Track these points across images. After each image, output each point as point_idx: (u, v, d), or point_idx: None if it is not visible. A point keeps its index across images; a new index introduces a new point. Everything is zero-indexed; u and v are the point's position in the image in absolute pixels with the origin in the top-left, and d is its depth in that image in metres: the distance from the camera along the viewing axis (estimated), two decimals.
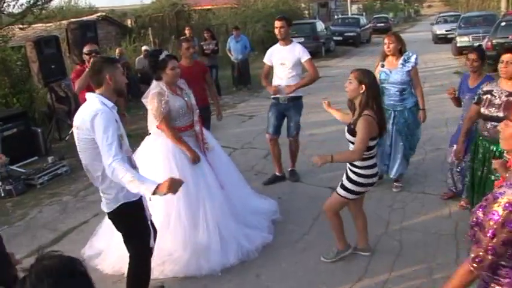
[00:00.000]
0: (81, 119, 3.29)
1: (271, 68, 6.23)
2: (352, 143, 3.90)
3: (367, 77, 3.83)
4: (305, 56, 6.07)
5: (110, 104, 3.34)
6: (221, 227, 4.51)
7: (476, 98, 4.49)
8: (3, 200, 6.51)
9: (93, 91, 3.42)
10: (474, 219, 2.12)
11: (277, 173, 6.46)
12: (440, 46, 22.40)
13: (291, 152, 6.46)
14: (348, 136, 3.97)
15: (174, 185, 3.06)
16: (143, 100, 4.60)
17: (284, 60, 6.05)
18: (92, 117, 3.19)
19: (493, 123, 4.25)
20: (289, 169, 6.55)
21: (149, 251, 3.68)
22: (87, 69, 5.83)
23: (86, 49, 6.11)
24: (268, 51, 6.31)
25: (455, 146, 5.23)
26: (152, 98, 4.47)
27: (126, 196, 3.40)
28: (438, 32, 24.71)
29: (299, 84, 6.04)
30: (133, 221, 3.54)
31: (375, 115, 3.81)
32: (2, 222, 5.81)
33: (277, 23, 6.08)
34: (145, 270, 3.68)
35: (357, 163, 3.95)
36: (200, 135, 4.73)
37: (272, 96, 6.28)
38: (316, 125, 8.69)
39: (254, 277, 4.27)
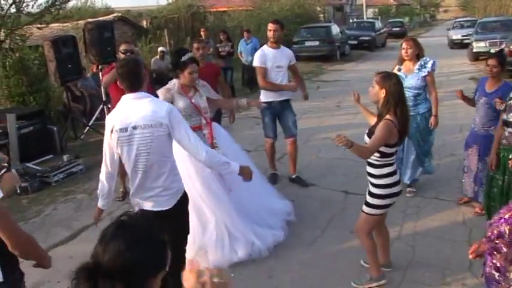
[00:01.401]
0: (152, 118, 3.23)
1: (265, 70, 6.16)
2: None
3: (388, 81, 3.68)
4: (294, 60, 6.39)
5: None
6: (228, 224, 4.56)
7: (503, 106, 4.49)
8: (19, 197, 6.59)
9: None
10: (495, 232, 2.07)
11: (275, 171, 6.55)
12: (456, 51, 22.26)
13: (291, 155, 6.46)
14: (366, 139, 3.83)
15: (250, 174, 3.61)
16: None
17: (280, 63, 6.16)
18: (168, 112, 3.28)
19: (510, 129, 4.24)
20: (293, 176, 6.52)
21: None
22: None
23: (122, 48, 6.15)
24: (259, 54, 6.20)
25: (469, 150, 5.25)
26: (159, 92, 4.59)
27: (183, 186, 3.56)
28: (454, 37, 24.57)
29: (305, 87, 6.52)
30: (188, 210, 3.65)
31: (397, 121, 3.64)
32: (18, 219, 5.87)
33: (272, 26, 6.16)
34: None
35: (373, 172, 3.79)
36: (209, 139, 4.76)
37: (264, 100, 6.19)
38: (330, 129, 8.68)
39: (266, 278, 4.29)
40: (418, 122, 5.70)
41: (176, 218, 3.47)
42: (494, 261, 2.69)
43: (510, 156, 4.33)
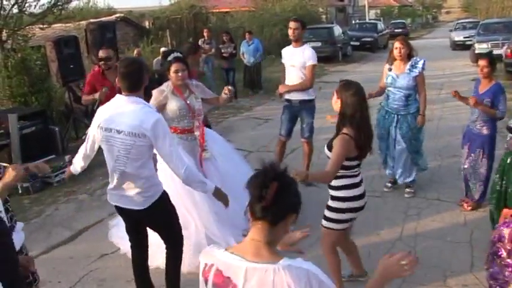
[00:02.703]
0: (137, 127, 3.23)
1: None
2: (329, 158, 3.51)
3: (344, 92, 3.44)
4: (310, 61, 6.07)
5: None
6: (208, 232, 4.57)
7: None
8: (21, 197, 6.60)
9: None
10: (496, 235, 2.06)
11: None
12: (458, 53, 22.22)
13: (304, 154, 6.46)
14: (326, 152, 3.59)
15: (225, 200, 3.68)
16: None
17: (293, 62, 6.12)
18: (154, 125, 3.25)
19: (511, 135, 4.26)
20: None
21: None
22: (93, 97, 5.94)
23: (99, 54, 6.11)
24: (283, 52, 6.35)
25: (465, 148, 5.39)
26: (153, 94, 4.62)
27: (161, 189, 3.59)
28: (456, 39, 24.54)
29: (290, 87, 6.14)
30: (170, 207, 3.69)
31: (354, 134, 3.39)
32: (19, 219, 5.83)
33: (292, 24, 6.10)
34: (182, 257, 3.82)
35: (334, 184, 3.55)
36: (200, 142, 4.77)
37: (285, 98, 6.31)
38: (331, 130, 8.65)
39: None
40: (409, 122, 5.73)
41: (153, 216, 3.58)
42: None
43: (508, 161, 4.33)
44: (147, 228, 3.82)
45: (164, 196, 3.61)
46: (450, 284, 4.06)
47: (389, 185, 6.15)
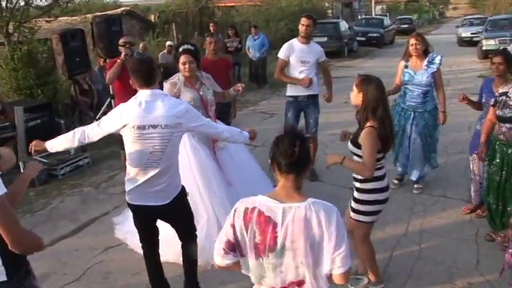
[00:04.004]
0: (171, 116, 3.29)
1: (287, 64, 6.17)
2: (355, 155, 3.61)
3: (366, 85, 3.49)
4: (323, 57, 6.27)
5: None
6: (223, 222, 4.49)
7: (493, 100, 4.39)
8: (26, 189, 6.59)
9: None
10: None
11: None
12: (465, 49, 22.09)
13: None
14: (350, 147, 3.66)
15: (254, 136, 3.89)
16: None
17: (306, 58, 6.09)
18: (185, 111, 3.39)
19: (507, 125, 4.19)
20: None
21: None
22: (118, 61, 5.90)
23: (121, 40, 6.13)
24: (285, 47, 6.20)
25: (475, 155, 5.13)
26: (165, 86, 4.63)
27: (180, 180, 3.65)
28: (463, 35, 24.37)
29: (331, 90, 6.64)
30: (187, 201, 3.73)
31: (378, 127, 3.46)
32: (25, 211, 5.91)
33: (305, 21, 6.08)
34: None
35: (360, 177, 3.61)
36: None
37: (289, 94, 6.29)
38: (337, 125, 8.62)
39: None
40: (426, 119, 5.67)
41: (176, 209, 3.59)
42: None
43: (509, 151, 4.26)
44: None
45: (183, 188, 3.66)
46: (455, 281, 4.05)
47: (396, 182, 6.13)
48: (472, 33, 23.62)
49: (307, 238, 2.14)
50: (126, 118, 3.30)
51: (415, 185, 5.96)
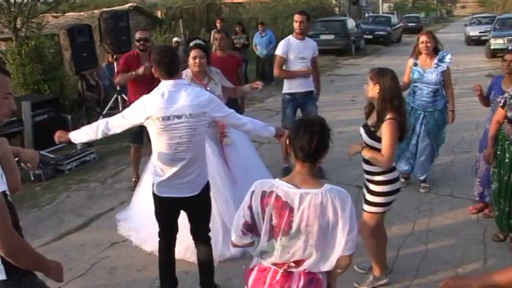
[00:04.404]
0: (195, 105, 3.29)
1: (285, 60, 6.19)
2: (368, 146, 3.62)
3: (382, 77, 3.52)
4: (317, 52, 6.41)
5: None
6: (225, 219, 4.50)
7: (502, 101, 4.34)
8: (33, 184, 6.63)
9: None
10: None
11: (288, 165, 6.48)
12: (473, 48, 22.00)
13: None
14: (366, 139, 3.64)
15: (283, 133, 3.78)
16: None
17: (304, 54, 6.16)
18: (209, 101, 3.39)
19: None
20: None
21: None
22: (133, 72, 5.86)
23: (137, 35, 6.11)
24: (283, 44, 6.21)
25: (484, 152, 5.11)
26: None
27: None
28: (471, 34, 24.24)
29: (319, 88, 6.67)
30: (209, 195, 3.73)
31: (397, 118, 3.50)
32: (31, 206, 5.92)
33: (299, 17, 6.13)
34: None
35: (371, 169, 3.65)
36: (221, 128, 4.76)
37: (287, 92, 6.34)
38: (344, 123, 8.62)
39: None
40: (436, 118, 5.65)
41: (202, 201, 3.61)
42: None
43: None
44: None
45: (208, 181, 3.67)
46: None
47: (403, 180, 6.09)
48: (480, 32, 23.51)
49: (321, 223, 2.28)
50: (150, 110, 3.27)
51: (422, 184, 5.93)
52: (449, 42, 22.47)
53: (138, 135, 6.03)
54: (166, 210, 3.64)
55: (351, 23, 22.41)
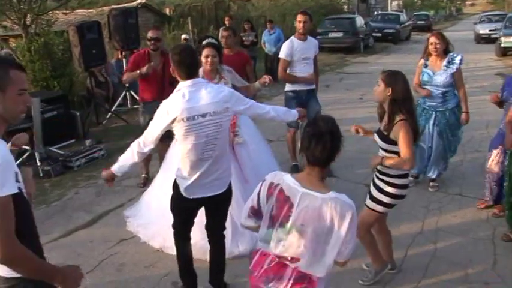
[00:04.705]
0: (218, 102, 3.27)
1: (289, 63, 6.20)
2: (385, 150, 3.64)
3: (394, 80, 3.54)
4: (318, 50, 6.46)
5: None
6: (235, 218, 4.47)
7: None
8: (42, 180, 6.66)
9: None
10: None
11: (296, 163, 6.52)
12: (483, 46, 21.86)
13: None
14: (381, 144, 3.67)
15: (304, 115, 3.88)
16: None
17: (307, 54, 6.19)
18: (230, 96, 3.37)
19: None
20: None
21: None
22: (138, 72, 5.89)
23: (148, 34, 6.11)
24: (287, 47, 6.18)
25: (493, 151, 5.07)
26: None
27: None
28: (481, 32, 24.09)
29: (318, 83, 6.68)
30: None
31: (408, 119, 3.52)
32: (40, 202, 5.94)
33: (302, 17, 6.13)
34: None
35: (390, 172, 3.64)
36: (233, 126, 4.73)
37: (290, 89, 6.36)
38: (353, 121, 8.52)
39: None
40: (447, 118, 5.61)
41: (227, 198, 3.62)
42: None
43: None
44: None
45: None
46: (471, 281, 4.00)
47: (412, 179, 6.06)
48: (490, 30, 23.36)
49: (317, 228, 2.33)
50: (174, 112, 3.19)
51: (431, 183, 5.90)
52: (458, 40, 22.36)
53: None
54: (192, 211, 3.61)
55: (359, 21, 22.33)
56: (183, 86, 3.27)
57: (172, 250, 4.00)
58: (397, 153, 3.55)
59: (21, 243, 1.98)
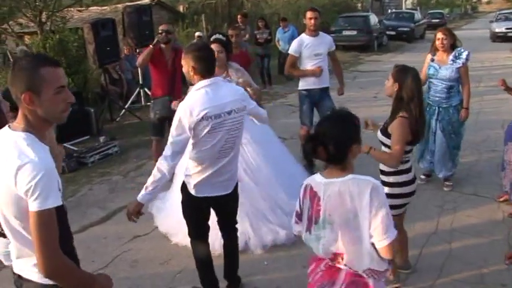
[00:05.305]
0: (238, 100, 3.29)
1: (297, 59, 6.23)
2: (384, 145, 3.62)
3: (403, 75, 3.47)
4: (333, 46, 6.36)
5: None
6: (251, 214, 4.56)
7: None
8: None
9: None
10: None
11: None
12: (499, 45, 21.61)
13: None
14: (379, 136, 3.63)
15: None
16: None
17: (318, 51, 6.15)
18: (243, 93, 3.45)
19: None
20: None
21: None
22: (151, 46, 5.95)
23: (160, 28, 6.15)
24: (296, 43, 6.23)
25: (509, 144, 5.04)
26: None
27: None
28: (497, 30, 23.80)
29: (343, 81, 6.65)
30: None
31: (412, 118, 3.43)
32: None
33: (311, 14, 6.14)
34: None
35: (385, 169, 3.59)
36: None
37: (302, 88, 6.33)
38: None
39: (301, 268, 4.24)
40: (450, 115, 5.60)
41: (235, 198, 3.63)
42: None
43: None
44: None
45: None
46: (487, 282, 3.95)
47: (424, 177, 6.03)
48: (506, 28, 23.11)
49: (342, 213, 2.30)
50: (200, 111, 3.10)
51: (445, 183, 5.85)
52: (473, 38, 22.18)
53: (158, 128, 6.12)
54: (202, 211, 3.56)
55: (373, 19, 22.21)
56: (204, 84, 3.19)
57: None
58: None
59: (63, 254, 1.95)
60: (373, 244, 2.33)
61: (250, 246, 4.46)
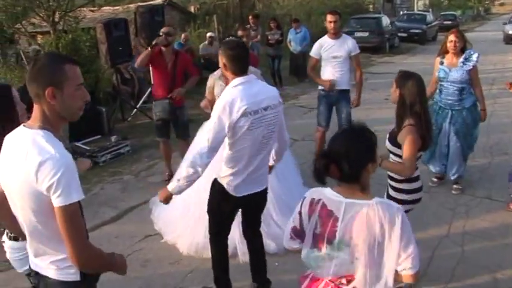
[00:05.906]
0: (274, 96, 3.31)
1: (318, 61, 6.30)
2: (393, 154, 3.57)
3: (404, 81, 3.43)
4: (356, 50, 6.28)
5: None
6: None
7: None
8: None
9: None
10: None
11: None
12: None
13: None
14: (388, 146, 3.58)
15: None
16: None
17: (337, 53, 6.14)
18: (278, 92, 3.42)
19: None
20: None
21: None
22: (149, 49, 5.94)
23: (162, 30, 6.17)
24: (317, 45, 6.31)
25: None
26: (210, 77, 4.75)
27: None
28: (510, 32, 23.57)
29: (360, 92, 6.57)
30: None
31: (416, 124, 3.37)
32: None
33: (332, 17, 6.14)
34: None
35: (396, 176, 3.54)
36: None
37: (321, 88, 6.38)
38: (377, 122, 8.43)
39: None
40: (463, 117, 5.57)
41: (266, 194, 3.61)
42: None
43: None
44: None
45: None
46: (500, 287, 3.92)
47: (435, 179, 5.99)
48: None
49: (367, 237, 2.14)
50: (240, 108, 3.08)
51: (454, 186, 5.80)
52: (486, 40, 22.02)
53: (162, 129, 6.16)
54: (234, 211, 3.55)
55: (385, 21, 22.09)
56: (239, 82, 3.18)
57: (196, 252, 4.02)
58: (401, 156, 3.44)
59: (91, 243, 2.07)
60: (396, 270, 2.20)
61: (238, 252, 4.40)
